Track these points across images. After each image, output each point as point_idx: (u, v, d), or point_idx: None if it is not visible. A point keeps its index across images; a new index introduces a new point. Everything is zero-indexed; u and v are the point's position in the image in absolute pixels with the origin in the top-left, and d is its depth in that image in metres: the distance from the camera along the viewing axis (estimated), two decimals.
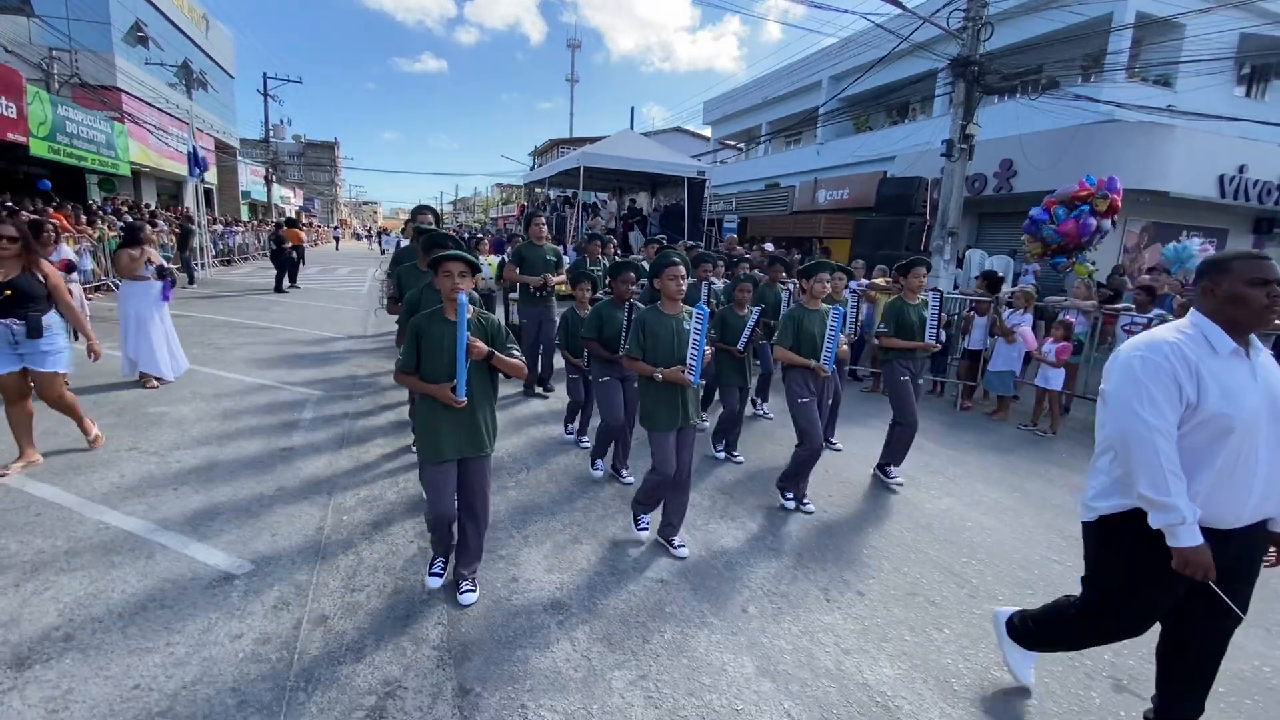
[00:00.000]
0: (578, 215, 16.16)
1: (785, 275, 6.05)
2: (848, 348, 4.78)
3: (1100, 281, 10.20)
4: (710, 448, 5.04)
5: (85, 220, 12.35)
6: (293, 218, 20.03)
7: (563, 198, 19.67)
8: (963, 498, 4.56)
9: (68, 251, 6.12)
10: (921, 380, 4.81)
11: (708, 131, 31.78)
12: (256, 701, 2.22)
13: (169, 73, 21.83)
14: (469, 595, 2.87)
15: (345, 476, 4.21)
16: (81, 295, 6.69)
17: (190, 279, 14.26)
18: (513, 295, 7.05)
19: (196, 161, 14.65)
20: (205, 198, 19.33)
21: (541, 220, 6.30)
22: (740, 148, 30.26)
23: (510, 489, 4.19)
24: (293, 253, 14.61)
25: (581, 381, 4.96)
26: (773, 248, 13.64)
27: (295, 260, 14.83)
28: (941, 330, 4.71)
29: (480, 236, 12.54)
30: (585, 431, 5.13)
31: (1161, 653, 2.20)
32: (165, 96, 21.57)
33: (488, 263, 8.08)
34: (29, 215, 8.70)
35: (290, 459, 4.44)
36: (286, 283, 14.11)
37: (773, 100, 24.60)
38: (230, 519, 3.52)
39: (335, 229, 47.60)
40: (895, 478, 4.65)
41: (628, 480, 4.41)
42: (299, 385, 6.32)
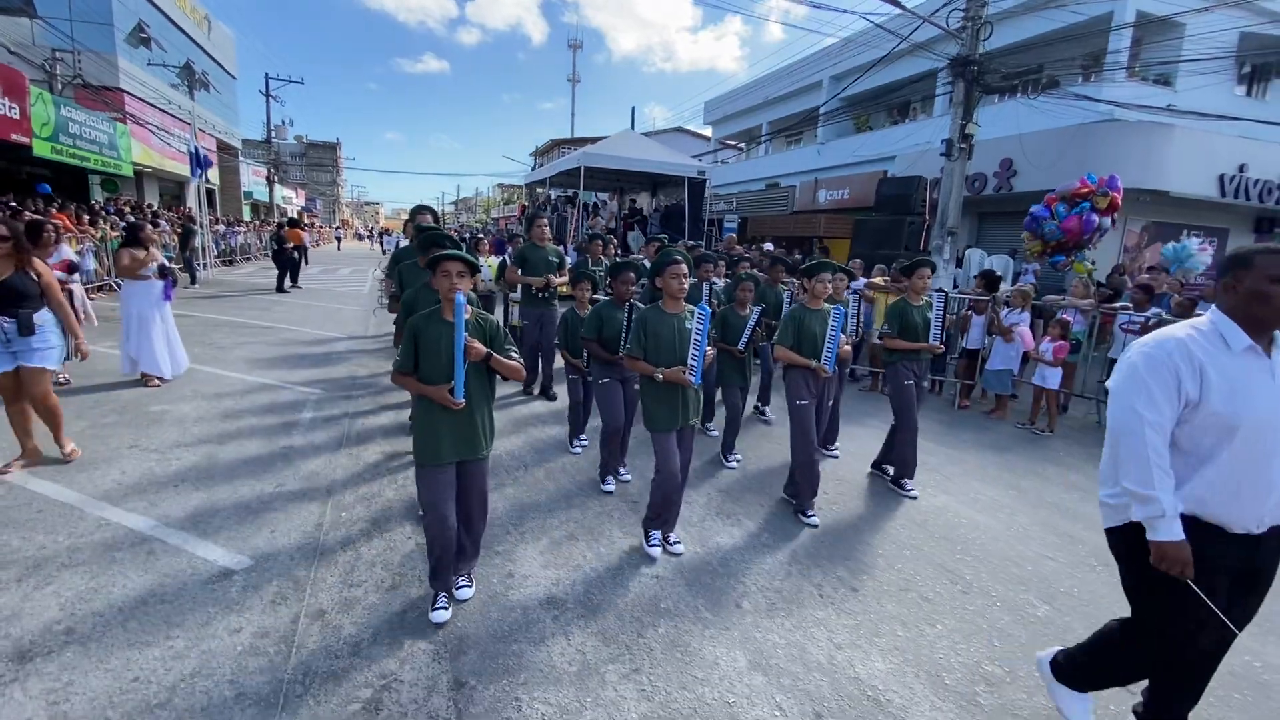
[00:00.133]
0: (578, 215, 16.20)
1: (786, 275, 6.01)
2: (849, 348, 4.72)
3: (1100, 281, 10.21)
4: (721, 458, 4.92)
5: (88, 220, 12.41)
6: (294, 218, 20.11)
7: (564, 197, 19.70)
8: (959, 495, 4.58)
9: (68, 252, 6.16)
10: (925, 382, 4.75)
11: (709, 131, 31.80)
12: (254, 694, 2.26)
13: (171, 73, 21.90)
14: (465, 591, 2.90)
15: (344, 475, 4.24)
16: (83, 295, 6.74)
17: (192, 279, 14.31)
18: (513, 296, 7.04)
19: (199, 162, 14.70)
20: (207, 198, 19.41)
21: (544, 221, 6.25)
22: (741, 148, 30.28)
23: (508, 486, 4.22)
24: (294, 253, 14.67)
25: (581, 383, 4.92)
26: (772, 247, 13.66)
27: (297, 260, 14.89)
28: (943, 331, 4.63)
29: (480, 237, 12.57)
30: (583, 431, 5.09)
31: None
32: (167, 97, 21.65)
33: (488, 263, 8.07)
34: (31, 216, 8.74)
35: (290, 457, 4.47)
36: (288, 283, 14.17)
37: (773, 100, 24.60)
38: (230, 516, 3.56)
39: (337, 229, 47.75)
40: (910, 489, 4.51)
41: (625, 478, 4.41)
42: (299, 385, 6.35)
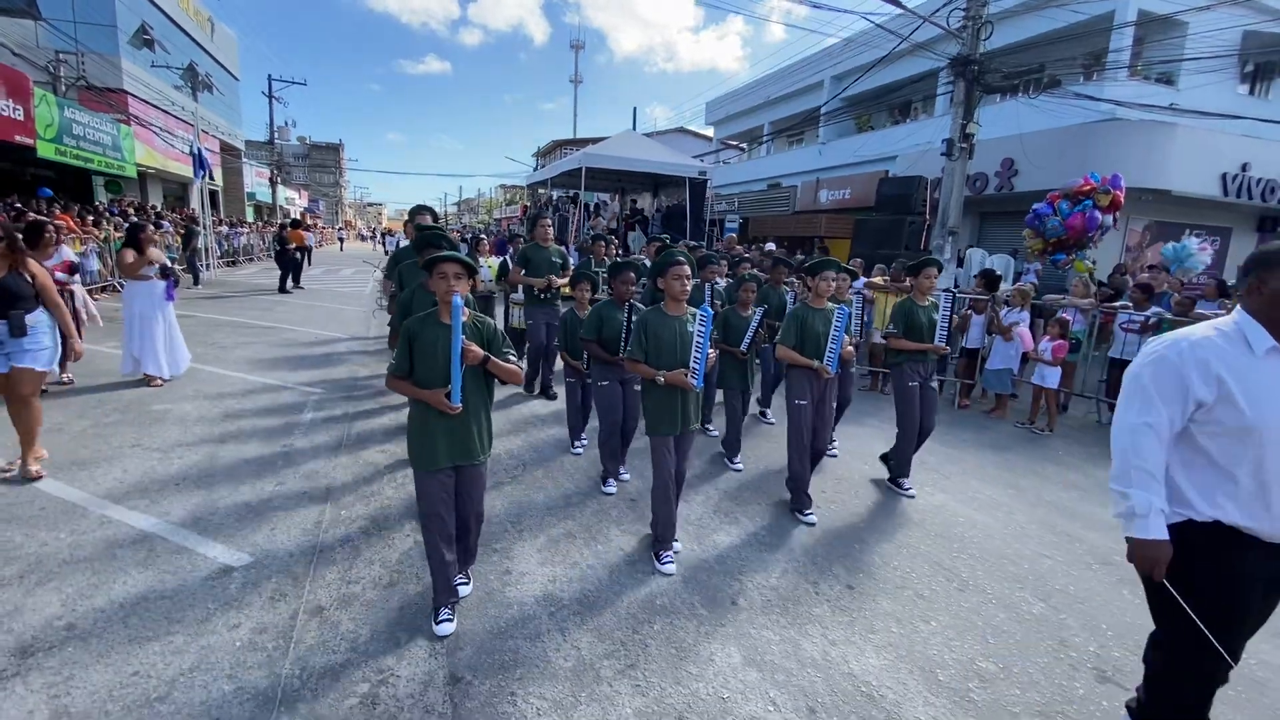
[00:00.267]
0: (579, 215, 16.22)
1: (788, 275, 5.95)
2: (852, 348, 4.66)
3: (1101, 280, 10.20)
4: (726, 461, 4.90)
5: (91, 222, 12.48)
6: (297, 219, 20.17)
7: (566, 198, 19.74)
8: (957, 494, 4.59)
9: (69, 253, 6.19)
10: (934, 383, 4.62)
11: (710, 132, 31.83)
12: (252, 688, 2.28)
13: (175, 75, 22.03)
14: (463, 588, 2.92)
15: (344, 474, 4.26)
16: (85, 296, 6.76)
17: (195, 279, 14.37)
18: (515, 297, 7.03)
19: (201, 163, 14.78)
20: (211, 199, 19.47)
21: (547, 221, 6.23)
22: (743, 148, 30.29)
23: (507, 485, 4.24)
24: (297, 253, 14.73)
25: (580, 384, 4.90)
26: (774, 247, 13.66)
27: (299, 261, 14.95)
28: (949, 332, 4.55)
29: (482, 237, 12.58)
30: (583, 432, 5.06)
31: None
32: (171, 99, 21.75)
33: (488, 264, 8.07)
34: (34, 217, 8.80)
35: (290, 456, 4.50)
36: (290, 283, 14.23)
37: (775, 100, 24.62)
38: (230, 514, 3.58)
39: (340, 230, 47.88)
40: (908, 488, 4.52)
41: (624, 478, 4.42)
42: (300, 385, 6.39)
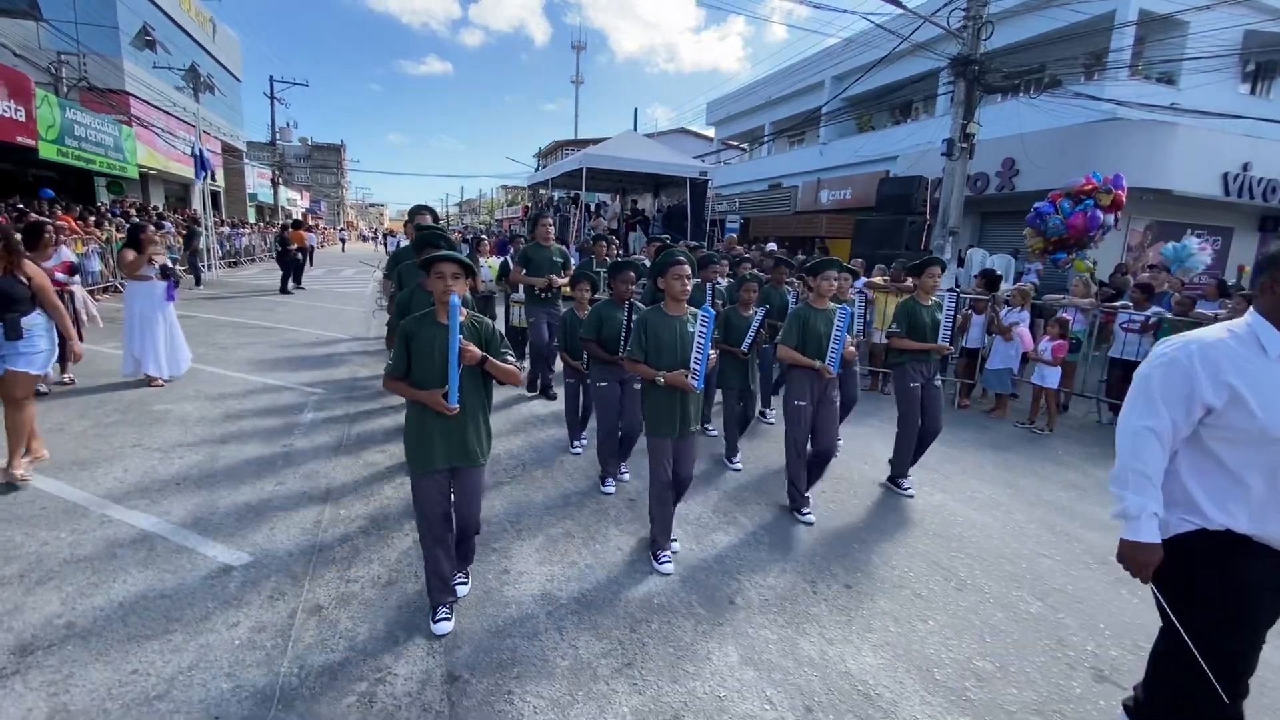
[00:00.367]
0: (579, 216, 16.24)
1: (789, 275, 5.92)
2: (854, 349, 4.62)
3: (1103, 280, 10.19)
4: (725, 461, 4.89)
5: (93, 222, 12.52)
6: (298, 219, 20.21)
7: (567, 198, 19.76)
8: (955, 494, 4.59)
9: (68, 253, 6.20)
10: (938, 383, 4.54)
11: (711, 132, 31.83)
12: (250, 686, 2.29)
13: (176, 76, 22.07)
14: (461, 588, 2.93)
15: (344, 474, 4.27)
16: (85, 297, 6.77)
17: (197, 280, 14.41)
18: (515, 297, 7.04)
19: (203, 164, 14.82)
20: (212, 200, 19.51)
21: (548, 221, 6.23)
22: (744, 148, 30.29)
23: (506, 485, 4.25)
24: (298, 254, 14.76)
25: (579, 385, 4.89)
26: (775, 247, 13.65)
27: (300, 261, 14.98)
28: (952, 332, 4.52)
29: (483, 237, 12.61)
30: (582, 433, 5.05)
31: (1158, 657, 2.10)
32: (172, 100, 21.81)
33: (489, 265, 8.08)
34: (35, 218, 8.83)
35: (290, 456, 4.51)
36: (292, 284, 14.26)
37: (776, 100, 24.63)
38: (230, 513, 3.59)
39: (341, 231, 47.99)
40: (906, 488, 4.51)
41: (624, 477, 4.42)
42: (301, 385, 6.40)
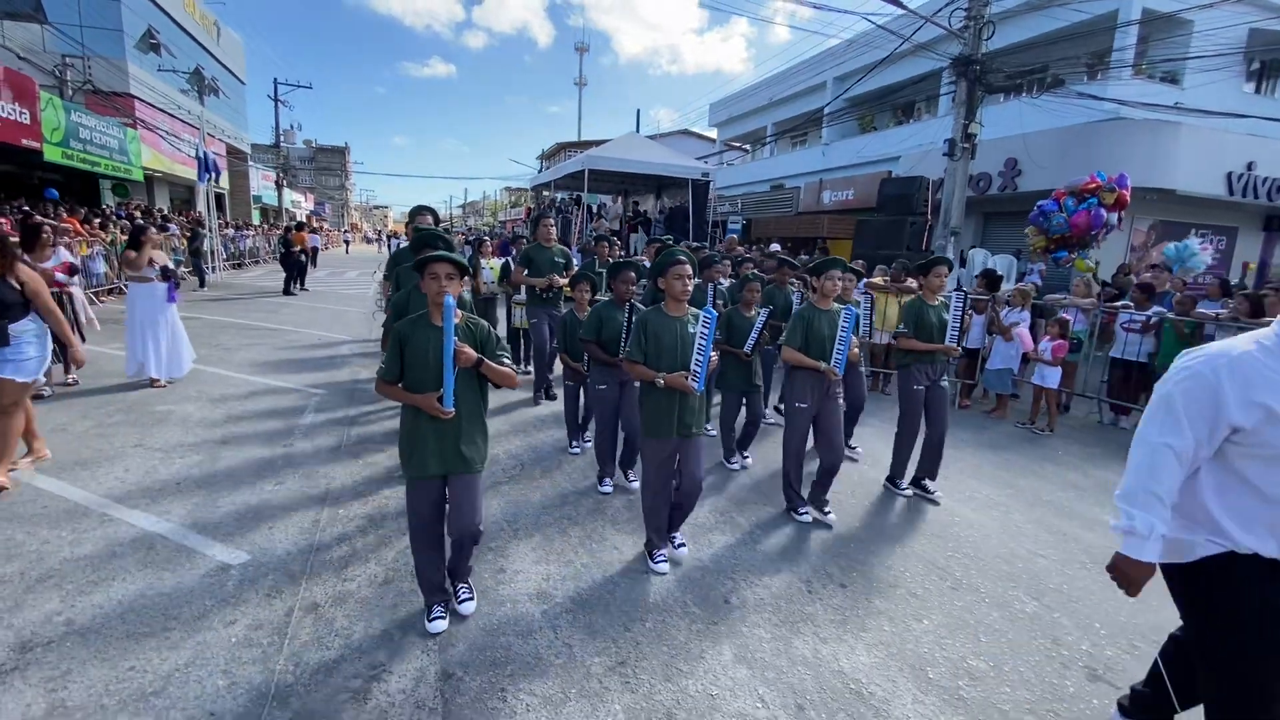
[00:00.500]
0: (581, 217, 16.28)
1: (792, 276, 5.81)
2: (858, 350, 4.54)
3: (1105, 280, 10.15)
4: (723, 461, 4.87)
5: (98, 224, 12.60)
6: (302, 221, 20.31)
7: (570, 200, 19.82)
8: (953, 494, 4.58)
9: (66, 254, 6.24)
10: (944, 384, 4.45)
11: (714, 133, 31.84)
12: (246, 683, 2.31)
13: (181, 79, 22.21)
14: (468, 605, 2.79)
15: (343, 474, 4.30)
16: (84, 299, 6.78)
17: (201, 282, 14.49)
18: (517, 299, 7.05)
19: (207, 166, 14.90)
20: (217, 202, 19.63)
21: (549, 221, 6.23)
22: (746, 149, 30.29)
23: (504, 484, 4.26)
24: (302, 255, 14.83)
25: (579, 386, 4.85)
26: (779, 248, 13.62)
27: (304, 263, 15.06)
28: (960, 333, 4.43)
29: (485, 238, 12.64)
30: (586, 431, 5.01)
31: (1170, 664, 2.10)
32: (177, 102, 21.92)
33: (490, 266, 8.08)
34: (39, 219, 8.88)
35: (291, 457, 4.54)
36: (295, 285, 14.33)
37: (778, 101, 24.62)
38: (229, 513, 3.62)
39: (345, 233, 48.17)
40: (905, 488, 4.49)
41: (634, 484, 4.25)
42: (302, 386, 6.43)
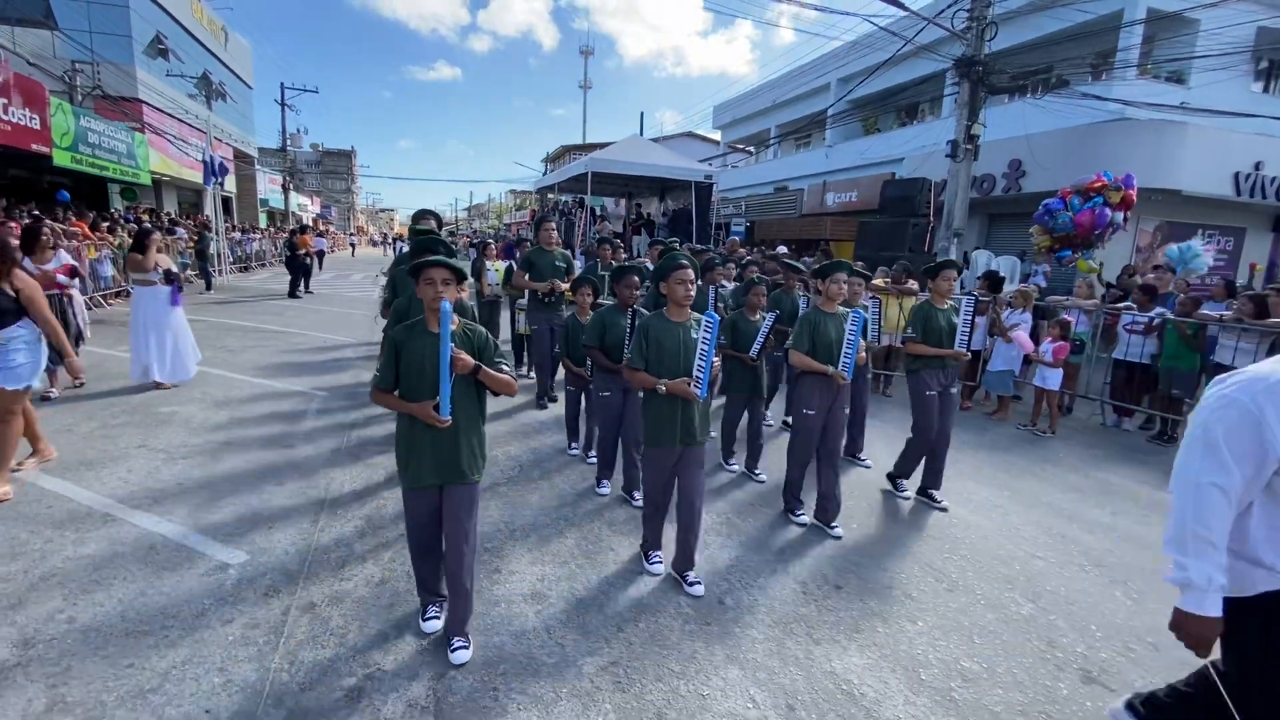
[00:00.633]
0: (585, 220, 16.33)
1: (796, 279, 5.72)
2: (865, 354, 4.51)
3: (1110, 282, 10.10)
4: (721, 463, 4.84)
5: (106, 228, 12.73)
6: (306, 225, 20.45)
7: (573, 202, 19.87)
8: (953, 496, 4.56)
9: (66, 256, 6.30)
10: (955, 390, 4.41)
11: (718, 135, 31.86)
12: (241, 681, 2.34)
13: (189, 84, 22.40)
14: (462, 654, 2.50)
15: (343, 475, 4.33)
16: (82, 305, 6.83)
17: (207, 285, 14.62)
18: (520, 303, 7.06)
19: (213, 170, 15.03)
20: (224, 206, 19.79)
21: (551, 225, 6.22)
22: (750, 151, 30.29)
23: (501, 485, 4.29)
24: (307, 258, 14.93)
25: (580, 391, 4.80)
26: (785, 250, 13.59)
27: (309, 266, 15.16)
28: (970, 337, 4.36)
29: (489, 241, 12.69)
30: (591, 445, 4.80)
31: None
32: (185, 107, 22.12)
33: (495, 268, 8.09)
34: (49, 223, 8.99)
35: (292, 458, 4.58)
36: (301, 288, 14.43)
37: (782, 103, 24.61)
38: (230, 513, 3.66)
39: (352, 236, 48.49)
40: (904, 490, 4.50)
41: (637, 504, 4.04)
42: (305, 389, 6.49)
